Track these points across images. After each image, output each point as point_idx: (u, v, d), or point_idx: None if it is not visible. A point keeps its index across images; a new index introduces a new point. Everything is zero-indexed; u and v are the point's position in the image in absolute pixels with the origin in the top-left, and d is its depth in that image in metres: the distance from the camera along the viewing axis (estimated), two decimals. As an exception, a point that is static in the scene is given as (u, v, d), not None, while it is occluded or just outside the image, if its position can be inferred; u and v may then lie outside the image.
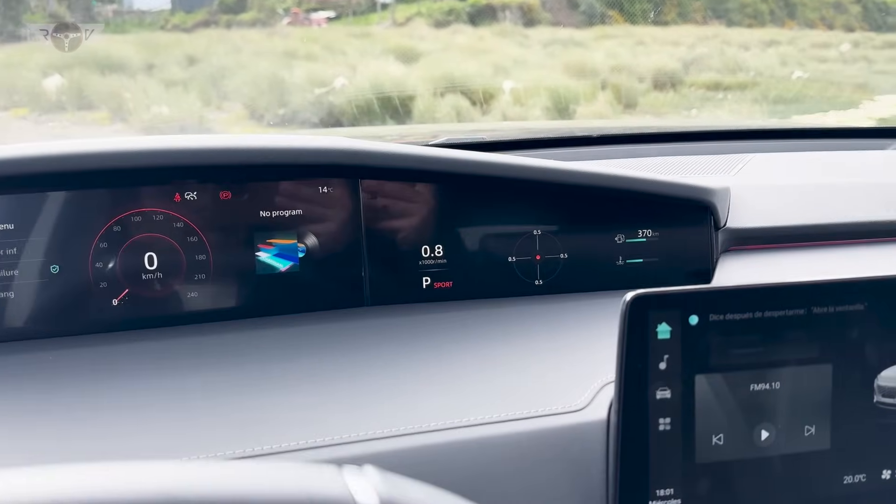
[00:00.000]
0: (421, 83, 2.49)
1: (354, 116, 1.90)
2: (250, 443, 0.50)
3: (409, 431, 0.51)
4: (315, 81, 2.28)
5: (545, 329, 0.67)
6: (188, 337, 0.66)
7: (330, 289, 0.71)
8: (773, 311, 0.51)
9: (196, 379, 0.59)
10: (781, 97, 3.40)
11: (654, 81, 3.32)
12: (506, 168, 0.70)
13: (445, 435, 0.51)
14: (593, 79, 3.04)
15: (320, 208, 0.70)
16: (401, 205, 0.72)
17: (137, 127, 1.82)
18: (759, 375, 0.51)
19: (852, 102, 3.08)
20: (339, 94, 2.19)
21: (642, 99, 3.15)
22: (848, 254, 0.77)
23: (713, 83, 3.48)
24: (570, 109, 2.39)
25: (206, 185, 0.68)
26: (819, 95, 3.32)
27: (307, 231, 0.70)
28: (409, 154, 0.69)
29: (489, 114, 2.31)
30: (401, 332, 0.67)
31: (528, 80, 2.81)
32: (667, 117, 3.06)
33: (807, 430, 0.52)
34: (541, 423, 0.53)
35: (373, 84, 2.34)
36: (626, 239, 0.74)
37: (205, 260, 0.68)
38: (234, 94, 2.25)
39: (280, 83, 2.24)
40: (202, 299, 0.68)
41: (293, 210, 0.70)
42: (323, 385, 0.58)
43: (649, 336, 0.49)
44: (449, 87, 2.37)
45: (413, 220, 0.72)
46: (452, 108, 2.27)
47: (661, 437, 0.50)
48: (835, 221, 0.78)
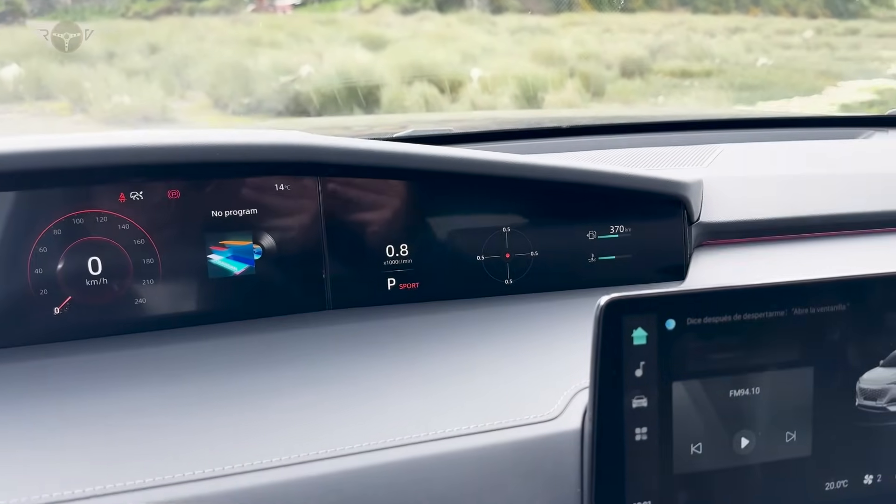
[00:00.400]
0: (388, 71, 2.46)
1: (321, 105, 1.86)
2: (190, 466, 0.46)
3: (370, 448, 0.48)
4: (280, 69, 2.24)
5: (516, 331, 0.64)
6: (135, 347, 0.62)
7: (289, 292, 0.67)
8: (752, 313, 0.49)
9: (143, 394, 0.55)
10: (747, 84, 3.42)
11: (622, 69, 3.33)
12: (473, 164, 0.67)
13: (409, 451, 0.48)
14: (561, 67, 3.04)
15: (277, 207, 0.67)
16: (363, 202, 0.68)
17: (99, 117, 1.77)
18: (738, 381, 0.49)
19: (815, 89, 3.12)
20: (305, 82, 2.15)
21: (610, 86, 3.15)
22: (824, 247, 0.76)
23: (680, 70, 3.49)
24: (538, 97, 2.38)
25: (152, 183, 0.64)
26: (783, 82, 3.35)
27: (263, 231, 0.66)
28: (371, 150, 0.65)
29: (458, 102, 2.29)
30: (364, 338, 0.64)
31: (497, 68, 2.79)
32: (635, 105, 3.07)
33: (787, 437, 0.50)
34: (512, 435, 0.50)
35: (339, 72, 2.31)
36: (598, 235, 0.71)
37: (153, 264, 0.64)
38: (198, 83, 2.20)
39: (244, 71, 2.21)
40: (151, 306, 0.64)
41: (248, 209, 0.66)
42: (278, 398, 0.54)
43: (624, 342, 0.47)
44: (417, 76, 2.34)
45: (377, 219, 0.68)
46: (421, 97, 2.24)
47: (637, 447, 0.48)
48: (810, 214, 0.77)
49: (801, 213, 0.77)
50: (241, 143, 0.63)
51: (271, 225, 0.67)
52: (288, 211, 0.67)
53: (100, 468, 0.46)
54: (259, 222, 0.66)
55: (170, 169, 0.64)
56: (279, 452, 0.47)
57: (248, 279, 0.66)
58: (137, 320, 0.64)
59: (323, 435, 0.49)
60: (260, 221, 0.66)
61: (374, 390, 0.56)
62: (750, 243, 0.77)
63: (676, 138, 1.03)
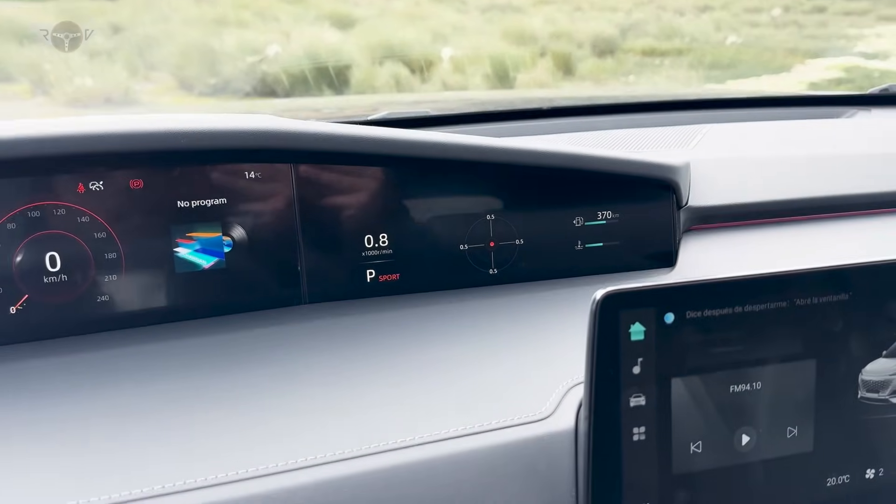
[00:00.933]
0: (358, 51, 2.42)
1: (289, 86, 1.83)
2: (160, 478, 0.43)
3: (353, 455, 0.45)
4: (247, 49, 2.20)
5: (502, 324, 0.62)
6: (98, 348, 0.58)
7: (262, 286, 0.64)
8: (754, 304, 0.47)
9: (106, 399, 0.52)
10: (717, 62, 3.43)
11: (593, 48, 3.31)
12: (455, 149, 0.64)
13: (392, 457, 0.46)
14: (533, 46, 3.01)
15: (248, 196, 0.63)
16: (340, 190, 0.65)
17: (61, 100, 1.72)
18: (739, 375, 0.47)
19: (784, 67, 3.13)
20: (273, 62, 2.11)
21: (581, 66, 3.14)
22: (815, 230, 0.74)
23: (650, 49, 3.49)
24: (510, 77, 2.36)
25: (113, 172, 0.60)
26: (753, 60, 3.36)
27: (233, 222, 0.63)
28: (346, 135, 0.62)
29: (429, 82, 2.26)
30: (342, 333, 0.60)
31: (468, 48, 2.77)
32: (607, 84, 3.06)
33: (789, 432, 0.49)
34: (503, 436, 0.48)
35: (308, 52, 2.27)
36: (585, 222, 0.69)
37: (115, 259, 0.60)
38: (163, 64, 2.15)
39: (210, 52, 2.16)
40: (114, 303, 0.61)
41: (216, 199, 0.62)
42: (252, 402, 0.51)
43: (621, 338, 0.45)
44: (387, 55, 2.31)
45: (354, 207, 0.65)
46: (392, 77, 2.21)
47: (635, 447, 0.46)
48: (800, 196, 0.75)
49: (791, 195, 0.75)
50: (208, 128, 0.59)
51: (242, 215, 0.63)
52: (259, 200, 0.63)
53: (64, 480, 0.43)
54: (229, 212, 0.62)
55: (132, 157, 0.59)
56: (255, 461, 0.44)
57: (217, 273, 0.63)
58: (100, 319, 0.60)
59: (299, 442, 0.46)
60: (230, 211, 0.62)
61: (354, 391, 0.52)
62: (738, 227, 0.75)
63: (657, 119, 1.01)
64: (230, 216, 0.63)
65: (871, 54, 2.93)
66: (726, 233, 0.74)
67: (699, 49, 3.73)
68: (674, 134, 0.90)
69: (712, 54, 3.66)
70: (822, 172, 0.79)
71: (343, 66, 2.09)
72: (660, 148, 0.84)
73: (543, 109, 0.97)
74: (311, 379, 0.54)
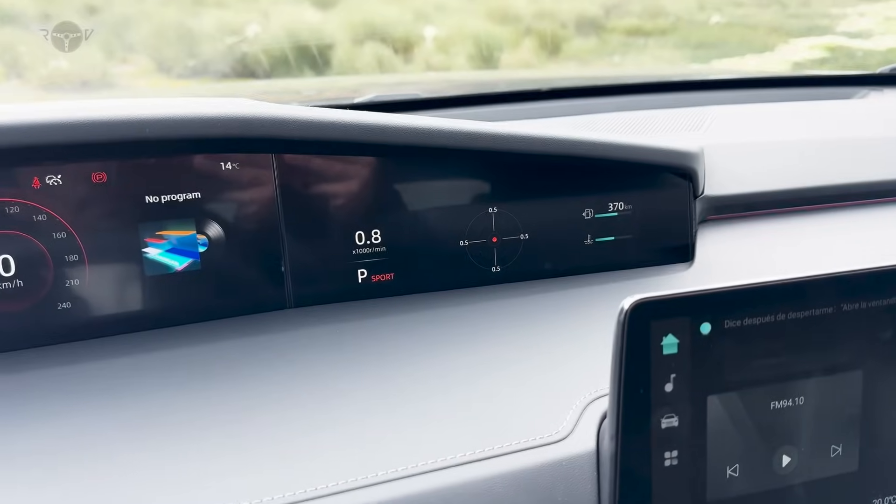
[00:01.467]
0: (339, 31, 2.36)
1: (270, 67, 1.77)
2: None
3: (343, 488, 0.40)
4: (226, 30, 2.13)
5: (507, 328, 0.56)
6: (60, 362, 0.52)
7: (242, 289, 0.58)
8: (797, 311, 0.42)
9: (71, 419, 0.46)
10: (701, 42, 3.40)
11: (577, 28, 3.26)
12: (454, 136, 0.58)
13: (392, 489, 0.40)
14: (516, 25, 2.96)
15: (224, 189, 0.57)
16: (327, 181, 0.59)
17: (35, 83, 1.65)
18: (780, 390, 0.43)
19: (768, 46, 3.10)
20: (253, 43, 2.05)
21: (566, 46, 3.09)
22: (838, 220, 0.70)
23: (634, 28, 3.44)
24: (494, 57, 2.32)
25: (73, 165, 0.53)
26: (737, 39, 3.33)
27: (209, 219, 0.57)
28: (334, 122, 0.56)
29: (412, 63, 2.21)
30: (332, 341, 0.55)
31: (451, 27, 2.71)
32: (591, 64, 3.01)
33: (833, 451, 0.44)
34: (514, 462, 0.43)
35: (288, 32, 2.21)
36: (595, 214, 0.63)
37: (77, 261, 0.54)
38: (140, 46, 2.08)
39: (188, 33, 2.10)
40: (77, 311, 0.55)
41: (189, 193, 0.56)
42: (233, 422, 0.45)
43: (652, 352, 0.40)
44: (369, 35, 2.25)
45: (342, 201, 0.59)
46: (374, 58, 2.16)
47: (666, 474, 0.41)
48: (823, 184, 0.70)
49: (813, 182, 0.70)
50: (177, 116, 0.53)
51: (218, 210, 0.57)
52: (238, 193, 0.57)
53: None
54: (203, 208, 0.57)
55: (93, 148, 0.53)
56: (235, 494, 0.39)
57: (192, 275, 0.57)
58: (61, 329, 0.55)
59: (281, 474, 0.41)
60: (204, 207, 0.57)
61: (347, 410, 0.47)
62: (756, 217, 0.70)
63: (661, 101, 0.95)
64: (205, 212, 0.57)
65: (853, 33, 2.91)
66: (743, 223, 0.70)
67: (684, 29, 3.69)
68: (681, 117, 0.85)
69: (697, 34, 3.62)
70: (843, 157, 0.74)
71: (324, 47, 2.03)
72: (669, 133, 0.79)
73: (541, 91, 0.91)
74: (297, 396, 0.48)
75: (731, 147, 0.74)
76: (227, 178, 0.57)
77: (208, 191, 0.56)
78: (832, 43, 2.71)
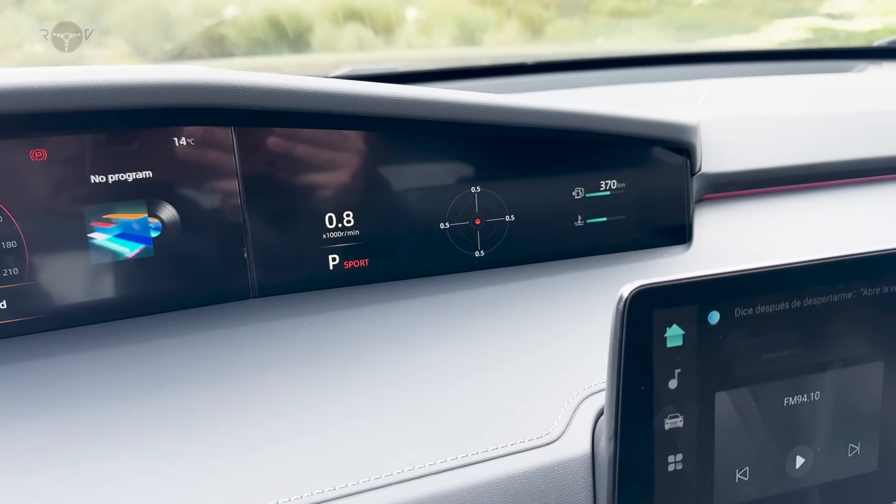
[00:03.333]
0: (319, 12, 2.31)
1: (248, 50, 1.73)
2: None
3: (320, 499, 0.35)
4: (203, 12, 2.08)
5: (492, 318, 0.52)
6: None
7: (200, 278, 0.54)
8: (814, 297, 0.38)
9: (11, 425, 0.41)
10: (686, 24, 3.36)
11: (560, 8, 3.21)
12: (434, 106, 0.53)
13: (364, 499, 0.36)
14: (499, 6, 2.91)
15: (179, 167, 0.52)
16: (293, 159, 0.54)
17: (9, 66, 1.59)
18: (794, 385, 0.40)
19: (752, 27, 3.08)
20: (231, 25, 2.00)
21: (549, 27, 3.04)
22: (841, 197, 0.67)
23: (618, 9, 3.40)
24: (476, 38, 2.29)
25: (10, 141, 0.48)
26: (721, 20, 3.30)
27: (162, 200, 0.52)
28: (300, 89, 0.51)
29: (393, 44, 2.17)
30: (300, 336, 0.50)
31: (432, 8, 2.67)
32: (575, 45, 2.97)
33: (851, 450, 0.42)
34: (501, 467, 0.39)
35: (266, 13, 2.16)
36: (586, 193, 0.59)
37: (16, 248, 0.50)
38: (116, 29, 2.03)
39: (165, 15, 2.05)
40: (15, 304, 0.50)
41: (140, 172, 0.51)
42: (185, 430, 0.41)
43: (655, 345, 0.36)
44: (349, 15, 2.20)
45: (312, 179, 0.55)
46: (354, 39, 2.12)
47: (670, 479, 0.38)
48: (825, 160, 0.66)
49: (815, 159, 0.66)
50: (124, 82, 0.48)
51: (172, 191, 0.52)
52: (194, 172, 0.52)
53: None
54: (156, 189, 0.52)
55: (31, 120, 0.48)
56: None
57: (143, 263, 0.52)
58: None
59: (251, 483, 0.36)
60: (157, 187, 0.52)
61: (317, 414, 0.42)
62: (754, 196, 0.66)
63: (653, 74, 0.92)
64: (158, 193, 0.52)
65: (837, 15, 2.91)
66: (741, 202, 0.66)
67: (667, 10, 3.66)
68: (674, 91, 0.81)
69: (680, 15, 3.59)
70: (842, 133, 0.71)
71: (304, 28, 1.99)
72: (662, 107, 0.74)
73: (527, 65, 0.86)
74: (263, 398, 0.43)
75: (728, 122, 0.71)
76: (183, 154, 0.52)
77: (161, 169, 0.52)
78: (816, 24, 2.70)
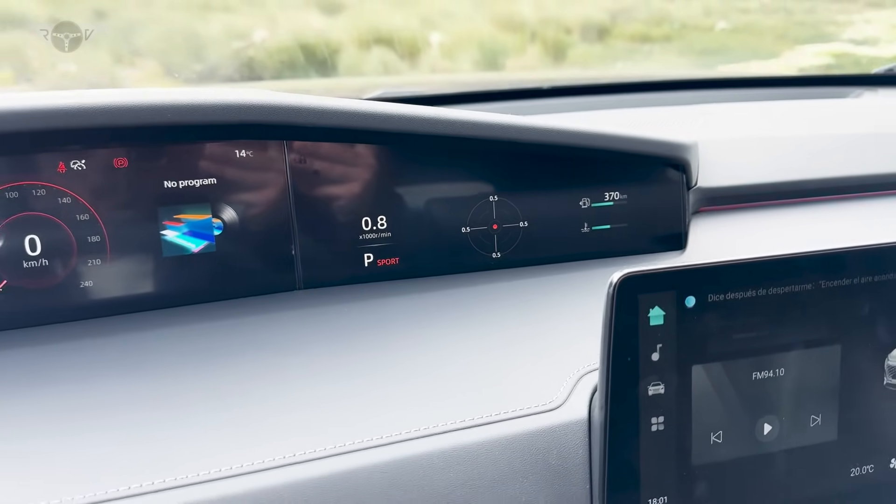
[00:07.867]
0: (345, 36, 2.37)
1: (276, 72, 1.79)
2: (148, 475, 0.40)
3: (351, 448, 0.42)
4: (233, 34, 2.15)
5: (507, 310, 0.59)
6: (82, 336, 0.55)
7: (254, 271, 0.61)
8: (778, 286, 0.44)
9: (94, 390, 0.48)
10: (707, 49, 3.40)
11: (582, 34, 3.27)
12: (458, 125, 0.60)
13: (396, 450, 0.43)
14: (522, 31, 2.97)
15: (239, 176, 0.60)
16: (336, 169, 0.62)
17: (44, 87, 1.66)
18: (762, 362, 0.45)
19: (774, 53, 3.11)
20: (260, 47, 2.07)
21: (571, 52, 3.09)
22: (827, 212, 0.72)
23: (640, 35, 3.45)
24: (499, 63, 2.33)
25: (96, 150, 0.56)
26: (742, 46, 3.34)
27: (224, 203, 0.60)
28: (344, 110, 0.58)
29: (418, 68, 2.22)
30: (339, 321, 0.57)
31: (456, 33, 2.72)
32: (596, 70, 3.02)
33: (812, 421, 0.46)
34: (511, 428, 0.45)
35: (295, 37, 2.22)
36: (592, 203, 0.66)
37: (99, 242, 0.57)
38: (147, 50, 2.10)
39: (196, 37, 2.11)
40: (98, 289, 0.57)
41: (206, 179, 0.59)
42: (247, 394, 0.48)
43: (640, 323, 0.42)
44: (375, 40, 2.27)
45: (351, 188, 0.62)
46: (380, 63, 2.17)
47: (653, 438, 0.43)
48: (811, 178, 0.72)
49: (802, 176, 0.72)
50: (196, 102, 0.56)
51: (233, 196, 0.60)
52: (251, 180, 0.60)
53: (39, 479, 0.40)
54: (219, 193, 0.59)
55: (116, 133, 0.56)
56: (247, 458, 0.41)
57: (207, 257, 0.59)
58: (83, 306, 0.57)
59: (300, 435, 0.43)
60: (220, 192, 0.59)
61: (353, 383, 0.49)
62: (747, 209, 0.72)
63: (660, 99, 0.98)
64: (220, 197, 0.59)
65: (860, 40, 2.92)
66: (735, 215, 0.72)
67: (689, 35, 3.69)
68: (676, 114, 0.87)
69: (702, 40, 3.62)
70: (832, 153, 0.77)
71: (331, 52, 2.05)
72: (665, 128, 0.81)
73: (543, 89, 0.94)
74: (306, 369, 0.51)
75: (725, 142, 0.77)
76: (242, 164, 0.59)
77: (223, 177, 0.59)
78: (838, 50, 2.72)
